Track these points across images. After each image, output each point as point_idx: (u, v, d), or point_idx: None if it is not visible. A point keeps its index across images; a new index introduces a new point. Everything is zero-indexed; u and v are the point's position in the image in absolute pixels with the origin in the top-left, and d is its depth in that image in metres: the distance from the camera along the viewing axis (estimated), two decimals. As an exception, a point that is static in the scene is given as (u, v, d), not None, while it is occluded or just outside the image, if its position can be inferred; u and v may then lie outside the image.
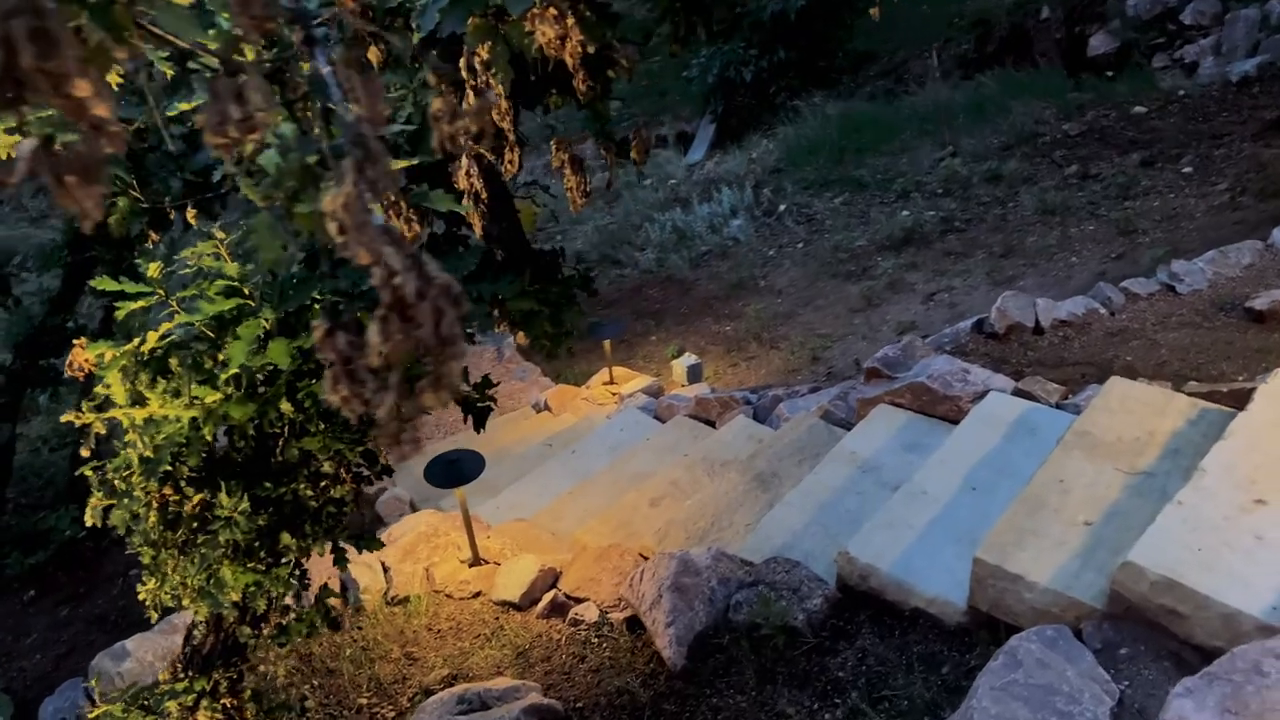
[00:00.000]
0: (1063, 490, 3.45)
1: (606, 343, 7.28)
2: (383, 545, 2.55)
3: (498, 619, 4.34)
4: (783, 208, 11.12)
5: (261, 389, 2.33)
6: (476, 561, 4.58)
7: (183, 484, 2.41)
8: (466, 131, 2.36)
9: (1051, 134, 10.73)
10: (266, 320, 2.22)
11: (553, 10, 2.03)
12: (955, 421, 4.46)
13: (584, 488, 5.42)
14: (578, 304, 2.60)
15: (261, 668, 2.53)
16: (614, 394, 7.09)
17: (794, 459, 4.79)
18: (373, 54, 2.39)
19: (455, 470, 4.39)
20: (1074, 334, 5.28)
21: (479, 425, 2.63)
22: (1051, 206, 8.98)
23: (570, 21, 2.09)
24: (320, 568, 4.10)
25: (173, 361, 2.27)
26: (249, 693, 2.52)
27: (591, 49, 2.20)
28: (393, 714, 3.92)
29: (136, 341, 2.30)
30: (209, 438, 2.30)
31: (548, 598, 4.30)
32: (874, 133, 12.05)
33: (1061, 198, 9.08)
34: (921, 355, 5.00)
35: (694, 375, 7.12)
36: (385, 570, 4.62)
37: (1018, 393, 4.44)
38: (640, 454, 5.62)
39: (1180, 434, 3.63)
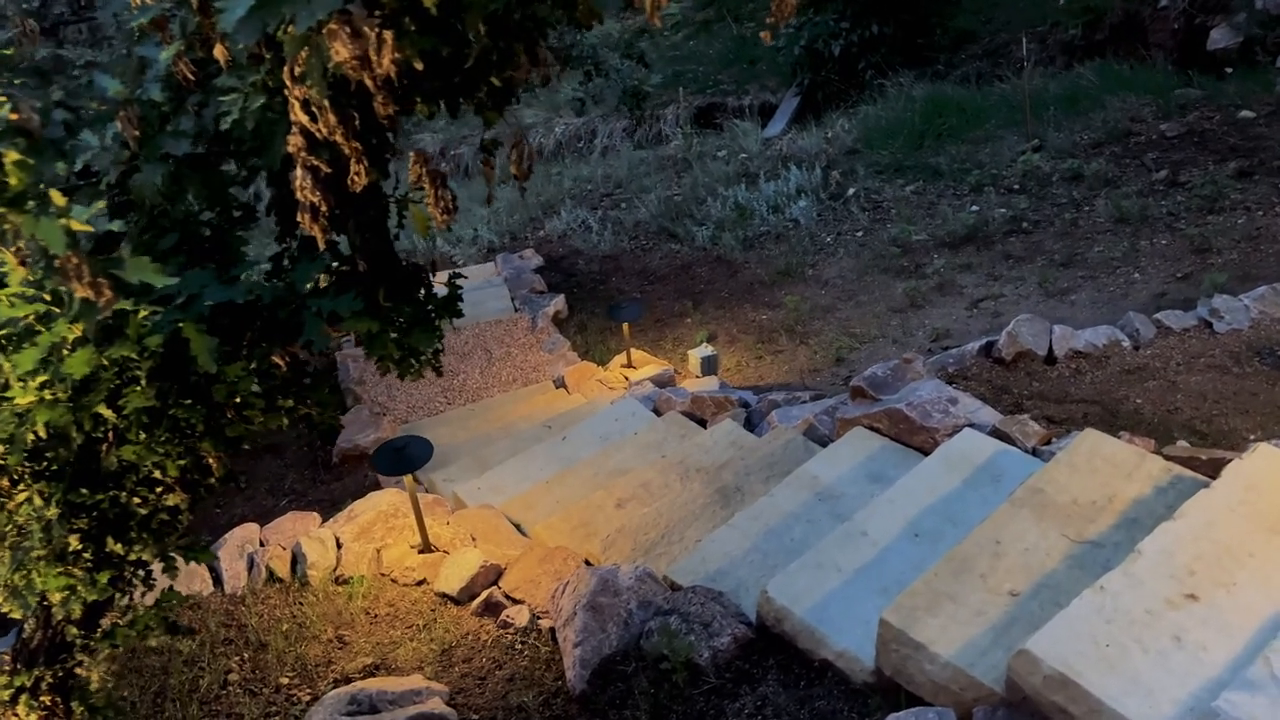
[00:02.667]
0: (996, 553, 3.18)
1: (625, 325, 7.13)
2: (214, 557, 2.49)
3: (434, 611, 4.28)
4: (851, 192, 10.69)
5: (91, 393, 2.28)
6: (426, 548, 4.53)
7: (13, 478, 2.39)
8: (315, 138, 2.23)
9: (1147, 134, 10.02)
10: (75, 328, 2.15)
11: (350, 27, 1.87)
12: (929, 454, 4.18)
13: (562, 478, 5.32)
14: (432, 326, 2.46)
15: (80, 671, 2.51)
16: (626, 379, 6.95)
17: (762, 475, 4.58)
18: (219, 52, 2.28)
19: (402, 458, 4.33)
20: (1088, 367, 4.88)
21: (326, 441, 2.54)
22: (1127, 214, 8.38)
23: (386, 36, 1.94)
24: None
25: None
26: (75, 691, 2.50)
27: (420, 65, 2.04)
28: (309, 698, 3.92)
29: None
30: (29, 438, 2.25)
31: (485, 595, 4.23)
32: (959, 119, 11.45)
33: (1140, 205, 8.46)
34: (912, 377, 4.70)
35: (709, 367, 6.90)
36: (339, 547, 4.61)
37: (996, 433, 4.13)
38: (624, 449, 5.48)
39: (1143, 502, 3.31)
